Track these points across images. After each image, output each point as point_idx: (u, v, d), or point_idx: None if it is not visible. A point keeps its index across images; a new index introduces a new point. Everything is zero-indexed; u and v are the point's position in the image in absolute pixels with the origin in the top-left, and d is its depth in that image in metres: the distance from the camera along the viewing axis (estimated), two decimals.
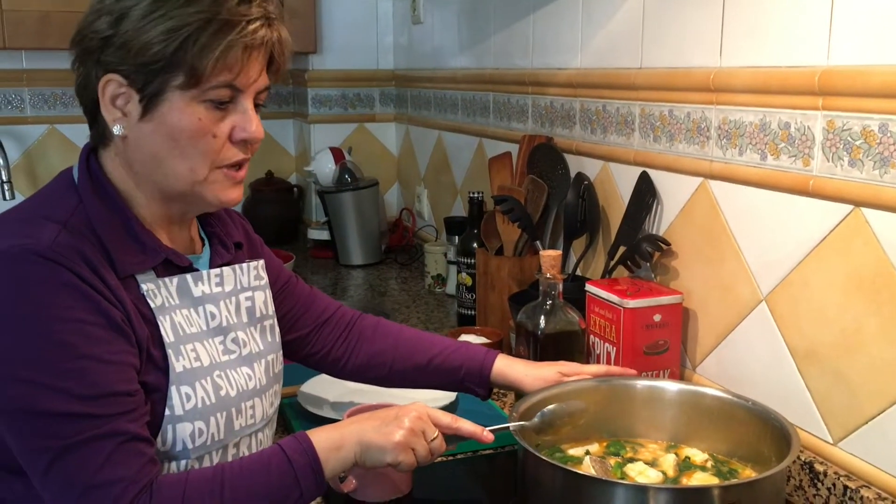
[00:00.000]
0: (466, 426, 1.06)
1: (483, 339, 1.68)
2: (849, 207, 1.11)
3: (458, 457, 1.30)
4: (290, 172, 3.10)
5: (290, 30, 1.03)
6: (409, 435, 1.00)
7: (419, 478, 1.20)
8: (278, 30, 0.99)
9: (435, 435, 1.03)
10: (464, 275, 1.97)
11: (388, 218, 2.88)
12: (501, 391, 1.55)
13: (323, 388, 1.51)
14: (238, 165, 1.00)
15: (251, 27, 0.94)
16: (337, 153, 2.67)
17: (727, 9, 1.30)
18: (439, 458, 1.08)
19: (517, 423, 1.09)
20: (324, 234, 2.75)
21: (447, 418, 1.05)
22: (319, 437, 0.98)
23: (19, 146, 2.71)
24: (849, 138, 1.10)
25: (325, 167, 2.66)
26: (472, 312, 1.94)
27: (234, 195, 1.01)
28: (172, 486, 0.90)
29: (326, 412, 1.42)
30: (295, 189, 3.00)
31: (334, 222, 2.65)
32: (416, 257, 2.63)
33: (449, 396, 1.47)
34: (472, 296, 1.94)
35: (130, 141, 0.97)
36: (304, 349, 1.29)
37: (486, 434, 1.07)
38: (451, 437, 1.06)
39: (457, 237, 2.14)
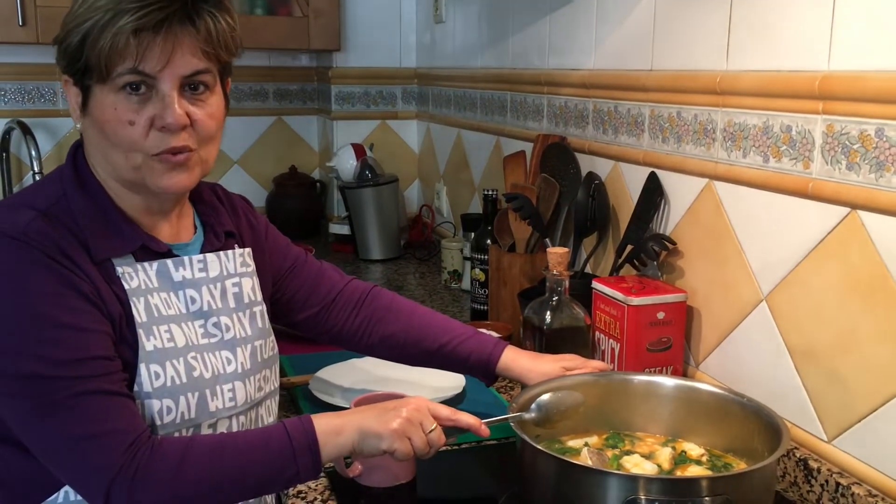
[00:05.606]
0: (465, 419, 1.10)
1: (494, 334, 1.71)
2: (846, 210, 1.13)
3: (463, 446, 1.33)
4: (312, 168, 3.15)
5: (315, 29, 1.07)
6: (405, 424, 1.04)
7: (422, 466, 1.24)
8: (199, 11, 0.98)
9: (433, 427, 1.06)
10: (477, 270, 2.01)
11: (408, 214, 2.92)
12: (510, 384, 1.59)
13: (335, 376, 1.56)
14: (177, 151, 1.00)
15: (143, 11, 0.94)
16: (358, 149, 2.72)
17: (734, 14, 1.33)
18: (443, 448, 1.11)
19: (515, 415, 1.13)
20: (344, 229, 2.80)
21: (446, 411, 1.09)
22: (321, 422, 1.02)
23: (51, 139, 2.79)
24: (847, 142, 1.12)
25: (346, 163, 2.70)
26: (485, 307, 1.98)
27: (174, 180, 1.02)
28: (174, 444, 0.95)
29: (337, 400, 1.46)
30: (317, 184, 3.05)
31: (355, 217, 2.70)
32: (434, 253, 2.67)
33: (456, 388, 1.51)
34: (484, 291, 1.98)
35: (84, 135, 1.05)
36: (316, 327, 1.34)
37: (483, 428, 1.10)
38: (452, 429, 1.10)
39: (473, 234, 2.17)
